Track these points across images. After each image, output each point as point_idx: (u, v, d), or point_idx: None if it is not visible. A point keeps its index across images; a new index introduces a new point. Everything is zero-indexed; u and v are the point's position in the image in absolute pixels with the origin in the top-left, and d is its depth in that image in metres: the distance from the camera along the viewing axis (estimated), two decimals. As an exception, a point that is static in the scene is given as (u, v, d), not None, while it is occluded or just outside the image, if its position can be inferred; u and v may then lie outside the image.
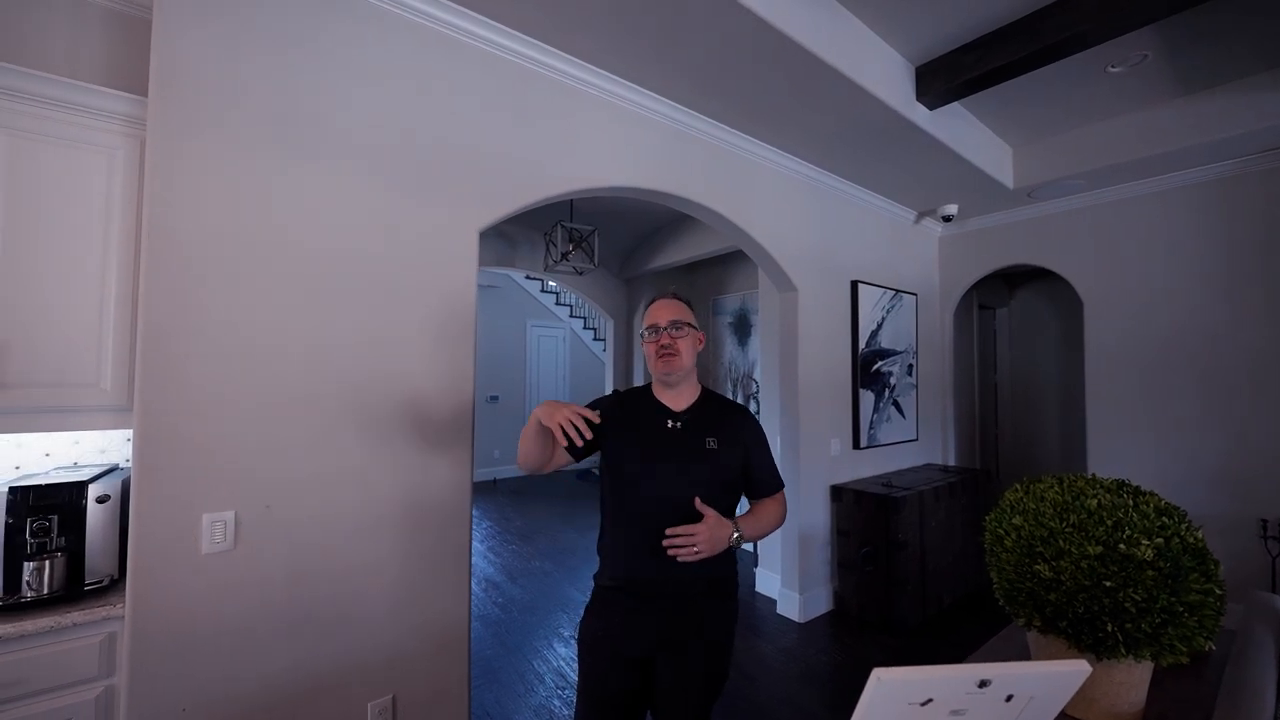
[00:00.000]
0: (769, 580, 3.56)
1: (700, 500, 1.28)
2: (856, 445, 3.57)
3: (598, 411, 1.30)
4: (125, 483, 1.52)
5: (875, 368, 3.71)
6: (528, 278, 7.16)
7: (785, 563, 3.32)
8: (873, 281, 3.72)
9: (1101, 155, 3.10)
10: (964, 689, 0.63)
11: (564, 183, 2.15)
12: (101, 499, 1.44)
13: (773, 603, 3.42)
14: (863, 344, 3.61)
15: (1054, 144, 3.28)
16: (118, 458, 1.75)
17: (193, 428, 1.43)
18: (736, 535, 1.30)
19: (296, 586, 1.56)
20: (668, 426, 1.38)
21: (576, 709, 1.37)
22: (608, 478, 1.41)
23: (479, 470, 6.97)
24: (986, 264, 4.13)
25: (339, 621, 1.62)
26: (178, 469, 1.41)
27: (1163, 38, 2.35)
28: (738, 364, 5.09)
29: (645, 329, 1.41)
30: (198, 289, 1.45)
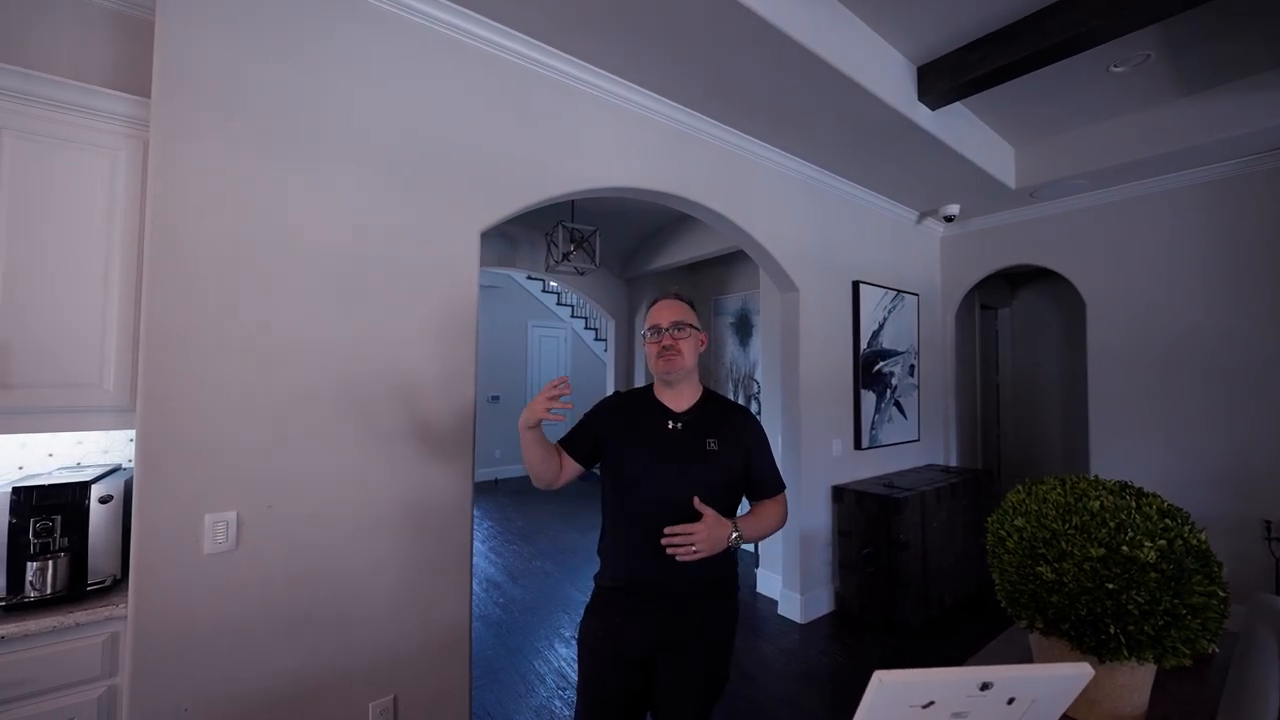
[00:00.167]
0: (770, 581, 3.56)
1: (700, 500, 1.27)
2: (858, 446, 3.56)
3: (565, 378, 1.24)
4: (128, 483, 1.52)
5: (877, 368, 3.71)
6: (529, 278, 7.16)
7: (786, 563, 3.31)
8: (874, 282, 3.71)
9: (1104, 155, 3.09)
10: (966, 692, 0.63)
11: (566, 183, 2.16)
12: (104, 499, 1.44)
13: (774, 603, 3.41)
14: (864, 344, 3.60)
15: (1056, 144, 3.27)
16: (121, 458, 1.75)
17: (195, 428, 1.43)
18: (736, 535, 1.29)
19: (298, 586, 1.56)
20: (668, 427, 1.38)
21: (577, 709, 1.37)
22: (608, 479, 1.41)
23: (480, 470, 6.98)
24: (988, 264, 4.12)
25: (340, 621, 1.62)
26: (180, 469, 1.41)
27: (1165, 37, 2.34)
28: (739, 364, 5.08)
29: (647, 329, 1.41)
30: (200, 290, 1.45)
